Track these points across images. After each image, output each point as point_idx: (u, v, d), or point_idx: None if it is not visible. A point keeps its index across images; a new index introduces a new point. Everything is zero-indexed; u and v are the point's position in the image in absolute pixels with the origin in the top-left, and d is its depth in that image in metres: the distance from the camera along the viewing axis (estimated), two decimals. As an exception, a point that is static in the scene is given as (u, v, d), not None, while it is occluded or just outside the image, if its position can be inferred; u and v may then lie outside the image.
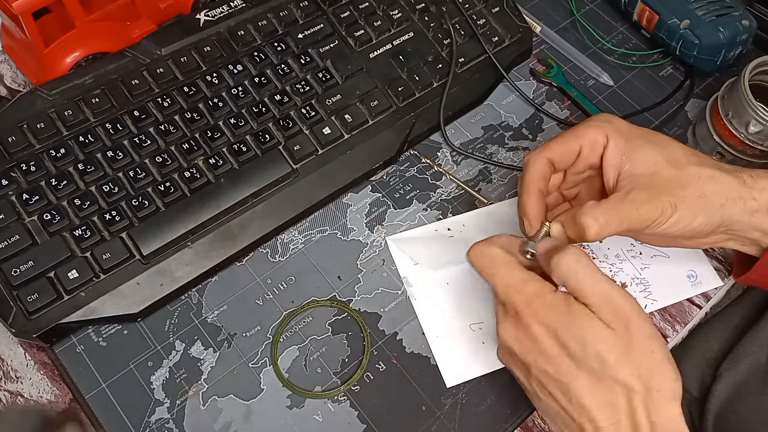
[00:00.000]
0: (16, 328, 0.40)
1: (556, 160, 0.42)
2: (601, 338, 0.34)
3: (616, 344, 0.34)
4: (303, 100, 0.50)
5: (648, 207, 0.38)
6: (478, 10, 0.57)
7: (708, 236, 0.41)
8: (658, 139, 0.41)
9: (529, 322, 0.35)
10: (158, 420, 0.41)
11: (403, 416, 0.42)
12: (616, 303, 0.34)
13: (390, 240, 0.48)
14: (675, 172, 0.39)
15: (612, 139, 0.41)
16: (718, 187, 0.39)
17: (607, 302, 0.34)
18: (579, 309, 0.35)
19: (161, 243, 0.43)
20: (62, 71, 0.49)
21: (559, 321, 0.35)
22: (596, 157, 0.42)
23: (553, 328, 0.35)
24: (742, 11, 0.56)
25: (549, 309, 0.35)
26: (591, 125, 0.42)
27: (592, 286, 0.35)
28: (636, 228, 0.39)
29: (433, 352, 0.44)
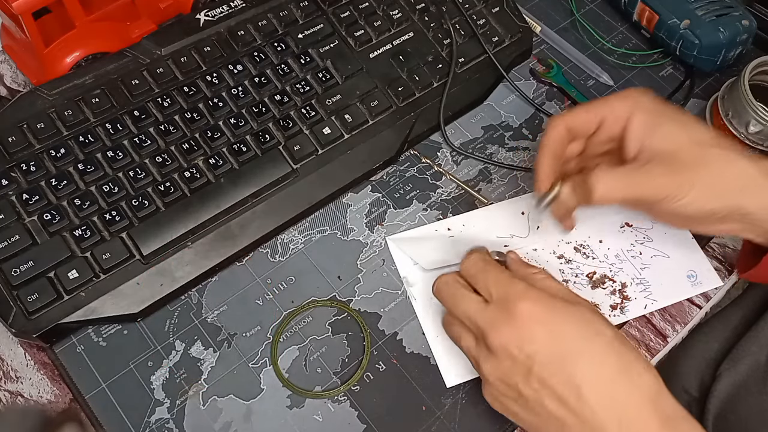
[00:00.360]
0: (16, 328, 0.40)
1: (576, 127, 0.42)
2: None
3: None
4: (303, 100, 0.50)
5: (664, 180, 0.38)
6: (478, 10, 0.57)
7: (723, 222, 0.40)
8: (684, 117, 0.40)
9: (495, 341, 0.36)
10: (158, 420, 0.41)
11: (403, 416, 0.42)
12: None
13: (390, 240, 0.48)
14: (697, 151, 0.39)
15: (637, 113, 0.40)
16: (737, 172, 0.39)
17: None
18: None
19: (161, 243, 0.43)
20: (62, 71, 0.49)
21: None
22: (619, 129, 0.41)
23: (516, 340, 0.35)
24: (742, 11, 0.56)
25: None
26: (618, 97, 0.41)
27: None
28: (649, 199, 0.39)
29: (433, 352, 0.44)
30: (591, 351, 0.35)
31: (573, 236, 0.49)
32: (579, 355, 0.35)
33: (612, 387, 0.34)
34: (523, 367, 0.35)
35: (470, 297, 0.38)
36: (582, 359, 0.34)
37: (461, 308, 0.38)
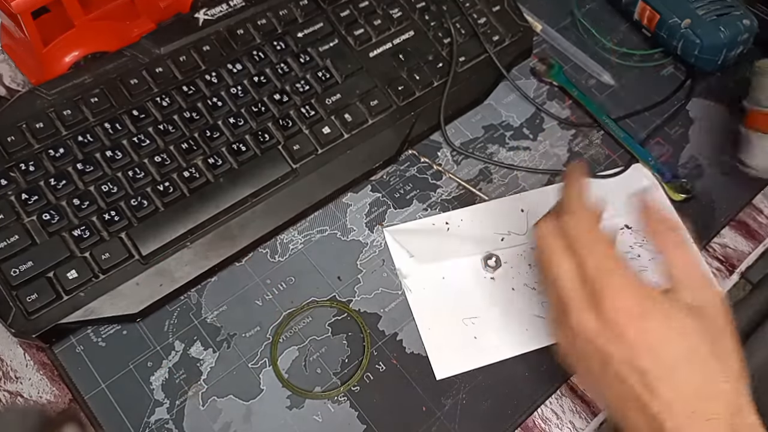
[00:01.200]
0: (16, 329, 0.40)
1: None
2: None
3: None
4: (302, 100, 0.50)
5: None
6: (479, 9, 0.57)
7: None
8: None
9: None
10: (158, 420, 0.41)
11: (403, 416, 0.42)
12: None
13: (387, 231, 0.48)
14: None
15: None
16: None
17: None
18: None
19: (160, 243, 0.43)
20: (61, 71, 0.49)
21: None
22: None
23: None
24: (743, 11, 0.56)
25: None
26: None
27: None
28: None
29: (425, 345, 0.44)
30: (690, 364, 0.34)
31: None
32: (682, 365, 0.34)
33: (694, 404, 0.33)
34: (627, 350, 0.34)
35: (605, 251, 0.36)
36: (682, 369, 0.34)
37: (590, 256, 0.36)
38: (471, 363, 0.44)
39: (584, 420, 0.43)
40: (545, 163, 0.53)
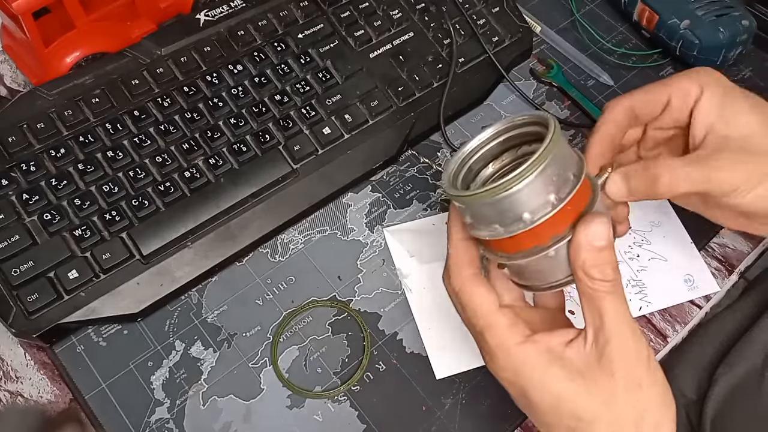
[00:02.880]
0: (16, 328, 0.40)
1: (639, 108, 0.38)
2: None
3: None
4: (303, 100, 0.50)
5: (731, 172, 0.35)
6: (478, 10, 0.57)
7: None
8: (756, 100, 0.37)
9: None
10: (158, 420, 0.41)
11: (403, 416, 0.42)
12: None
13: (387, 231, 0.48)
14: (765, 143, 0.36)
15: (707, 92, 0.37)
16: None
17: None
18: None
19: (161, 243, 0.43)
20: (62, 71, 0.49)
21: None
22: (686, 111, 0.37)
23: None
24: (742, 11, 0.56)
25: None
26: (686, 75, 0.38)
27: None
28: (713, 192, 0.35)
29: (425, 344, 0.44)
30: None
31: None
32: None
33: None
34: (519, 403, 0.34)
35: (475, 306, 0.34)
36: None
37: (464, 311, 0.35)
38: (471, 363, 0.44)
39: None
40: (545, 164, 0.53)
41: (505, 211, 0.30)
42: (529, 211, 0.30)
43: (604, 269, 0.31)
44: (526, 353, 0.32)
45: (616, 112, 0.38)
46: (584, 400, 0.31)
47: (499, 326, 0.33)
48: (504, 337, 0.33)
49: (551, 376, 0.31)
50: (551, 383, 0.32)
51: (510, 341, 0.32)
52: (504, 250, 0.32)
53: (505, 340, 0.33)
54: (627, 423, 0.31)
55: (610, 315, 0.31)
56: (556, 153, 0.29)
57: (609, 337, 0.31)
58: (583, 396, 0.31)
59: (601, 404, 0.31)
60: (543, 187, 0.29)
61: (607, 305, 0.31)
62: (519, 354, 0.32)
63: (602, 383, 0.31)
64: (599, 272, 0.30)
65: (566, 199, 0.30)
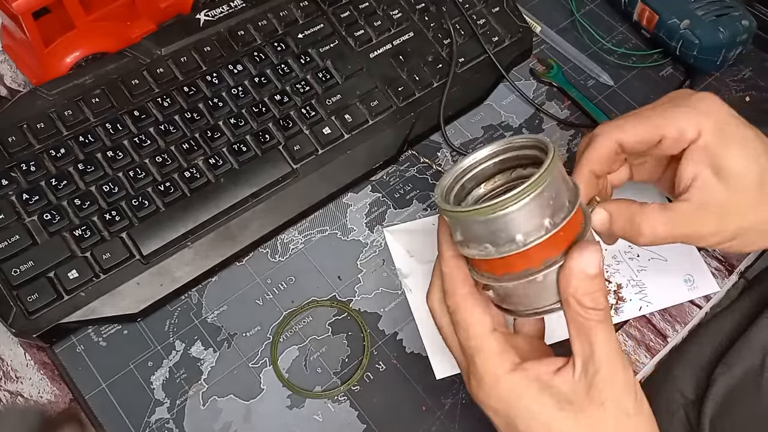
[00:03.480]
0: (16, 328, 0.40)
1: (629, 145, 0.37)
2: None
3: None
4: (303, 100, 0.50)
5: (714, 229, 0.36)
6: (478, 10, 0.57)
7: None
8: (758, 145, 0.36)
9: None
10: (158, 420, 0.41)
11: (403, 416, 0.42)
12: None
13: (387, 231, 0.48)
14: (758, 196, 0.35)
15: (703, 137, 0.35)
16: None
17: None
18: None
19: (161, 243, 0.43)
20: (62, 71, 0.49)
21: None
22: (678, 149, 0.36)
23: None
24: (742, 11, 0.56)
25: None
26: (685, 113, 0.36)
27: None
28: (697, 243, 0.36)
29: (425, 345, 0.44)
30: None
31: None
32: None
33: None
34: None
35: (456, 334, 0.34)
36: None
37: (448, 338, 0.35)
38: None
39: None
40: (545, 164, 0.53)
41: (498, 231, 0.30)
42: (523, 233, 0.29)
43: (597, 297, 0.30)
44: (514, 381, 0.32)
45: (603, 148, 0.37)
46: (572, 428, 0.31)
47: (491, 351, 0.32)
48: (494, 363, 0.32)
49: (540, 405, 0.31)
50: (540, 412, 0.31)
51: (500, 368, 0.32)
52: (492, 272, 0.32)
53: (496, 366, 0.32)
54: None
55: (600, 344, 0.30)
56: (553, 177, 0.29)
57: (599, 367, 0.30)
58: (571, 425, 0.31)
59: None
60: (539, 210, 0.29)
61: (598, 335, 0.30)
62: (507, 382, 0.32)
63: (591, 413, 0.31)
64: (591, 300, 0.30)
65: (561, 225, 0.30)
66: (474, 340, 0.33)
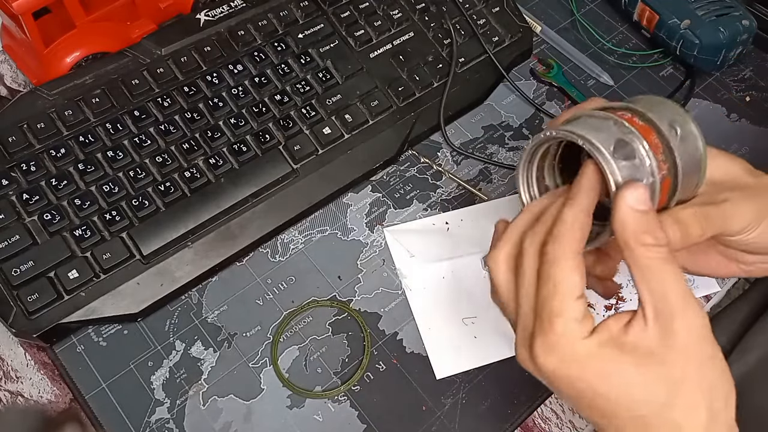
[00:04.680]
0: (17, 328, 0.40)
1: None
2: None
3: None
4: (303, 100, 0.50)
5: (743, 208, 0.34)
6: (479, 10, 0.57)
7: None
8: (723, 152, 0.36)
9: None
10: (158, 420, 0.41)
11: (403, 416, 0.42)
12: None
13: (387, 231, 0.48)
14: (754, 180, 0.35)
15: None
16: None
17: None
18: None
19: (161, 243, 0.43)
20: (62, 71, 0.49)
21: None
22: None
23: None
24: (742, 11, 0.56)
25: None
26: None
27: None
28: (726, 232, 0.34)
29: (425, 344, 0.44)
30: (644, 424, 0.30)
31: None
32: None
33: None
34: (571, 402, 0.31)
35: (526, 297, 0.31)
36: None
37: (510, 303, 0.32)
38: (471, 363, 0.44)
39: (584, 419, 0.43)
40: (545, 164, 0.53)
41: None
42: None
43: (656, 234, 0.29)
44: (591, 346, 0.30)
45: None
46: (655, 384, 0.29)
47: (576, 314, 0.30)
48: (574, 328, 0.30)
49: (617, 365, 0.29)
50: (620, 373, 0.29)
51: (579, 333, 0.30)
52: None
53: (575, 331, 0.30)
54: (700, 399, 0.29)
55: (671, 285, 0.29)
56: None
57: (674, 312, 0.29)
58: (653, 380, 0.29)
59: (673, 385, 0.29)
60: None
61: (667, 274, 0.29)
62: (585, 347, 0.30)
63: (672, 363, 0.29)
64: (652, 238, 0.29)
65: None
66: (559, 301, 0.30)
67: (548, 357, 0.30)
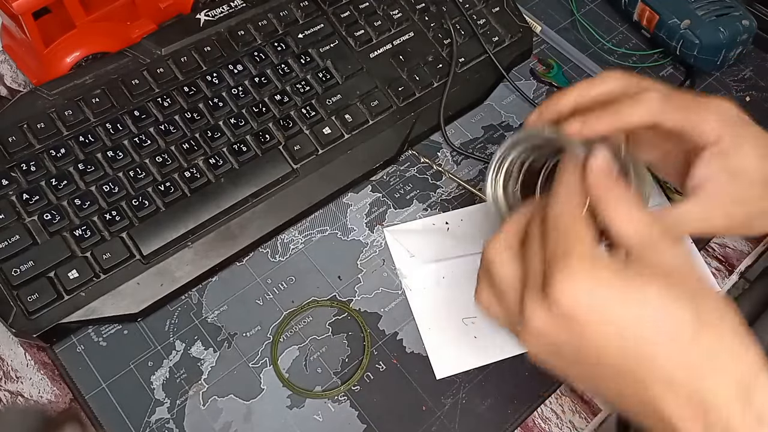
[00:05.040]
0: (17, 328, 0.40)
1: (661, 128, 0.36)
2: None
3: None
4: (303, 100, 0.50)
5: (724, 225, 0.37)
6: (479, 9, 0.57)
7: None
8: (765, 143, 0.37)
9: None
10: (158, 420, 0.41)
11: (403, 416, 0.42)
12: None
13: (387, 231, 0.49)
14: (765, 189, 0.36)
15: (722, 143, 0.36)
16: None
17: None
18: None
19: (161, 243, 0.43)
20: (62, 71, 0.49)
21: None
22: (691, 146, 0.37)
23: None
24: (742, 11, 0.56)
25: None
26: (710, 113, 0.36)
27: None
28: (701, 235, 0.38)
29: (425, 344, 0.44)
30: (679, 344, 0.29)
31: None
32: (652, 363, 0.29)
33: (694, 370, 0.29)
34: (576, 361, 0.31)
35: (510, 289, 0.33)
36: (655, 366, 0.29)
37: (499, 307, 0.34)
38: (471, 363, 0.44)
39: (584, 419, 0.43)
40: (545, 164, 0.53)
41: None
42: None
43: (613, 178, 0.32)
44: (616, 265, 0.30)
45: (641, 117, 0.36)
46: (682, 301, 0.29)
47: (591, 244, 0.31)
48: (594, 253, 0.30)
49: (646, 284, 0.29)
50: (650, 291, 0.29)
51: (598, 259, 0.30)
52: None
53: (594, 256, 0.30)
54: (723, 306, 0.30)
55: (624, 217, 0.31)
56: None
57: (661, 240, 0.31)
58: (679, 297, 0.29)
59: (695, 299, 0.29)
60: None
61: (621, 206, 0.31)
62: (608, 269, 0.30)
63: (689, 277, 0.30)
64: (608, 178, 0.32)
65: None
66: (573, 237, 0.31)
67: (568, 289, 0.29)
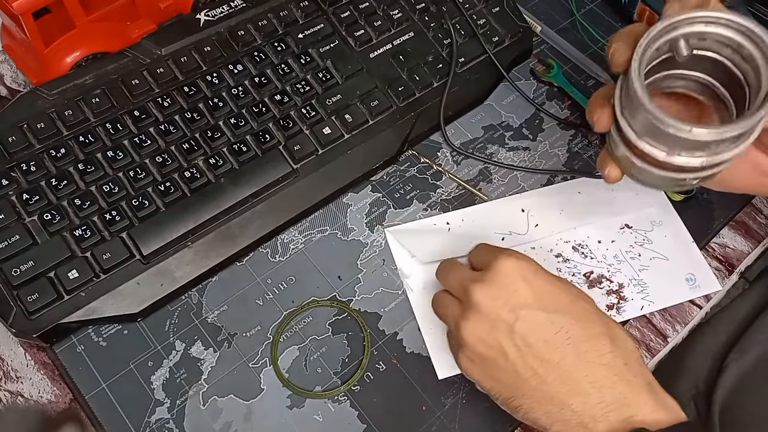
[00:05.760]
0: (17, 328, 0.40)
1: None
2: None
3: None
4: (303, 100, 0.50)
5: None
6: (478, 10, 0.57)
7: None
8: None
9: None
10: (158, 420, 0.41)
11: (403, 416, 0.42)
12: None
13: (388, 232, 0.49)
14: None
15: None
16: None
17: None
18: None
19: (161, 243, 0.43)
20: (62, 71, 0.49)
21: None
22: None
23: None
24: (742, 11, 0.56)
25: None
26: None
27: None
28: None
29: (426, 344, 0.44)
30: (575, 311, 0.36)
31: (572, 236, 0.49)
32: (564, 313, 0.36)
33: (596, 347, 0.35)
34: (506, 324, 0.36)
35: (464, 267, 0.41)
36: (567, 317, 0.36)
37: (452, 275, 0.40)
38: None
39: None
40: (545, 164, 0.53)
41: (686, 146, 0.33)
42: (707, 158, 0.33)
43: None
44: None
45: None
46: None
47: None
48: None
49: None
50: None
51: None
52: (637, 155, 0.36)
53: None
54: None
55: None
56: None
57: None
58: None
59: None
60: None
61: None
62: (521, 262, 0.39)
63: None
64: None
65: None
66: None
67: (483, 292, 0.37)
